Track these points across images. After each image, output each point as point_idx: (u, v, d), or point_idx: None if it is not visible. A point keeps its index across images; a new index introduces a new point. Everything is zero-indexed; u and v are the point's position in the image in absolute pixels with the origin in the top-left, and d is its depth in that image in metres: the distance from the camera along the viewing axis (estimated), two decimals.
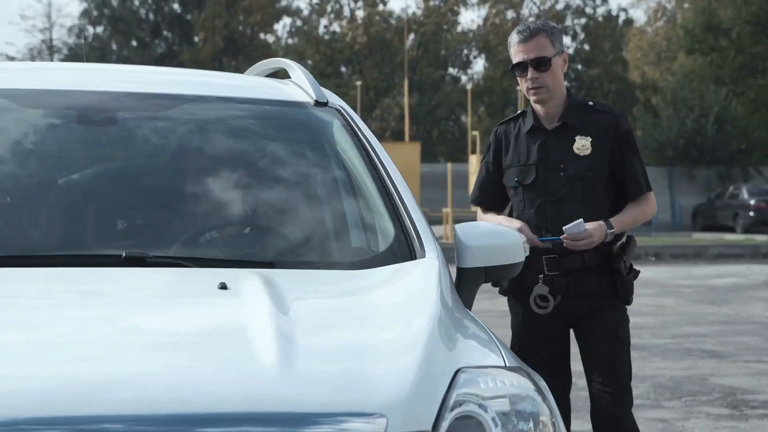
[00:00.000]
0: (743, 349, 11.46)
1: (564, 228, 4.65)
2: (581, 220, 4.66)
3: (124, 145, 4.00)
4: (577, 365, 4.90)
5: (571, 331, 4.89)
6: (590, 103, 4.90)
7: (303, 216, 3.88)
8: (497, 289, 4.86)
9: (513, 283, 4.77)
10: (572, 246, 4.68)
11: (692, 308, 15.68)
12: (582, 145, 4.78)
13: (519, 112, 5.01)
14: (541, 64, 4.76)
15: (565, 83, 4.92)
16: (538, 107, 4.86)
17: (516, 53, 4.81)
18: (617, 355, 4.80)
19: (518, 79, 4.89)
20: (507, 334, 4.80)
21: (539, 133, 4.85)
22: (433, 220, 32.21)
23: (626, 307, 4.85)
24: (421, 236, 3.67)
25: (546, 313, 4.75)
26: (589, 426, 4.92)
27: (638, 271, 4.92)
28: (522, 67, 4.81)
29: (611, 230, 4.73)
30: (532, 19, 57.06)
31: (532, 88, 4.81)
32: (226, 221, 3.84)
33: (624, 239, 4.86)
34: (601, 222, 4.72)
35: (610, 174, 4.81)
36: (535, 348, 4.78)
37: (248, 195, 3.93)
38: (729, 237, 34.57)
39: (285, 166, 4.04)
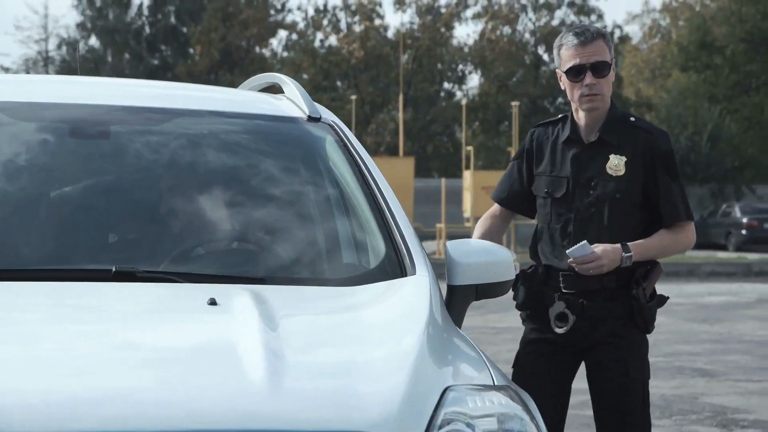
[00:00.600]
0: (734, 368, 11.46)
1: (568, 251, 4.36)
2: (585, 242, 4.36)
3: (116, 159, 4.00)
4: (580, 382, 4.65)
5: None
6: (632, 119, 4.57)
7: (294, 232, 3.87)
8: (488, 305, 4.74)
9: (530, 298, 4.52)
10: (581, 270, 4.38)
11: (684, 326, 15.68)
12: (615, 164, 4.47)
13: (560, 116, 4.67)
14: (602, 69, 4.45)
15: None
16: (581, 116, 4.54)
17: (572, 56, 4.45)
18: (627, 396, 4.45)
19: (567, 84, 4.52)
20: (497, 351, 4.80)
21: (575, 145, 4.54)
22: (426, 236, 32.26)
23: (646, 336, 4.51)
24: (412, 253, 3.67)
25: (566, 331, 4.42)
26: None
27: (666, 297, 4.59)
28: (578, 71, 4.46)
29: (628, 254, 4.37)
30: (528, 35, 57.39)
31: (588, 95, 4.45)
32: (217, 237, 3.84)
33: (649, 265, 4.48)
34: (616, 245, 4.38)
35: (645, 197, 4.49)
36: (538, 369, 4.48)
37: (240, 210, 3.93)
38: (721, 255, 34.59)
39: (277, 181, 4.04)
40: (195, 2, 57.77)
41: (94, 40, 58.02)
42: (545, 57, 57.28)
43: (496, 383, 3.04)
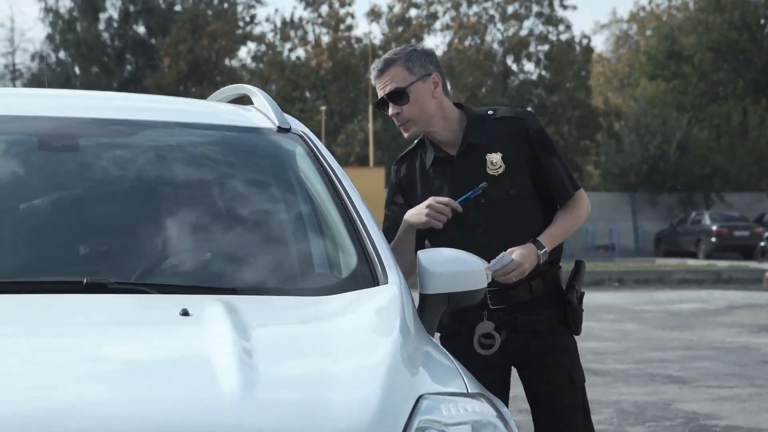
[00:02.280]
0: (705, 375, 11.50)
1: (486, 267, 3.84)
2: (504, 253, 4.16)
3: (85, 172, 3.98)
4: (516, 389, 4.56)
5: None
6: (489, 112, 4.34)
7: (265, 242, 3.87)
8: None
9: (452, 318, 4.23)
10: (504, 280, 4.17)
11: (655, 333, 15.73)
12: (493, 162, 4.26)
13: (415, 142, 4.43)
14: (398, 97, 4.27)
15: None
16: (434, 135, 4.33)
17: (377, 89, 4.33)
18: (573, 404, 4.36)
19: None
20: None
21: (444, 164, 4.33)
22: None
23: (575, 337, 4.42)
24: (384, 263, 3.67)
25: (490, 353, 4.27)
26: None
27: (583, 293, 4.43)
28: (380, 104, 4.33)
29: (543, 250, 4.22)
30: (496, 45, 57.48)
31: (400, 125, 4.32)
32: (188, 248, 3.82)
33: (574, 265, 4.40)
34: (528, 244, 4.20)
35: (535, 185, 4.31)
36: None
37: (210, 221, 3.92)
38: (691, 263, 34.78)
39: (247, 192, 4.03)
40: (163, 15, 57.67)
41: (62, 54, 57.81)
42: (514, 67, 57.45)
43: (469, 391, 3.05)
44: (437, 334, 4.16)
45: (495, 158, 4.27)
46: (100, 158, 4.01)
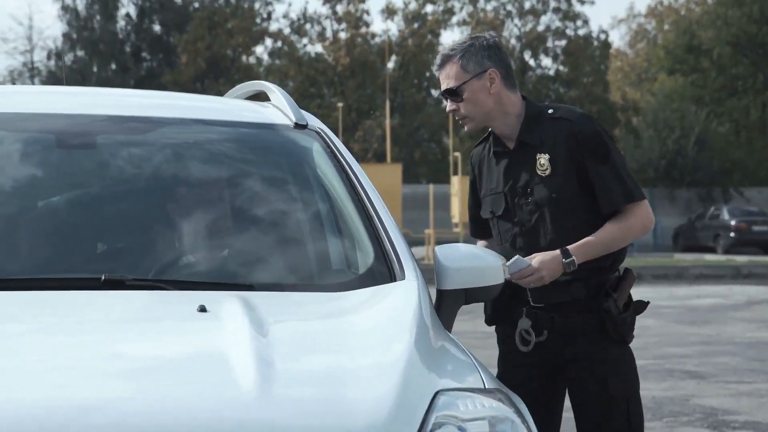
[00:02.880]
0: (724, 370, 11.47)
1: (504, 265, 3.96)
2: (518, 256, 4.09)
3: (102, 169, 3.99)
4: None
5: None
6: (549, 111, 4.26)
7: (282, 239, 3.87)
8: (478, 310, 4.40)
9: (498, 312, 4.29)
10: (523, 284, 4.11)
11: (673, 329, 15.70)
12: (542, 164, 4.19)
13: (489, 130, 4.41)
14: (453, 95, 4.24)
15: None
16: (495, 126, 4.31)
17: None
18: (609, 415, 4.16)
19: None
20: (488, 355, 4.73)
21: (501, 157, 4.30)
22: (415, 241, 32.25)
23: (628, 348, 4.21)
24: (401, 259, 3.67)
25: (527, 351, 4.19)
26: None
27: (644, 303, 4.28)
28: (443, 96, 4.31)
29: (569, 259, 4.08)
30: (514, 41, 57.39)
31: (458, 120, 4.31)
32: (205, 244, 3.83)
33: (621, 273, 4.22)
34: (554, 252, 4.10)
35: (583, 191, 4.18)
36: (520, 389, 4.07)
37: (228, 217, 3.93)
38: (710, 258, 34.66)
39: (264, 189, 4.04)
40: (181, 12, 57.75)
41: (79, 51, 57.94)
42: (531, 62, 57.34)
43: (486, 386, 3.05)
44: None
45: (543, 159, 4.20)
46: (117, 155, 4.02)
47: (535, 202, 4.21)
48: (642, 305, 4.26)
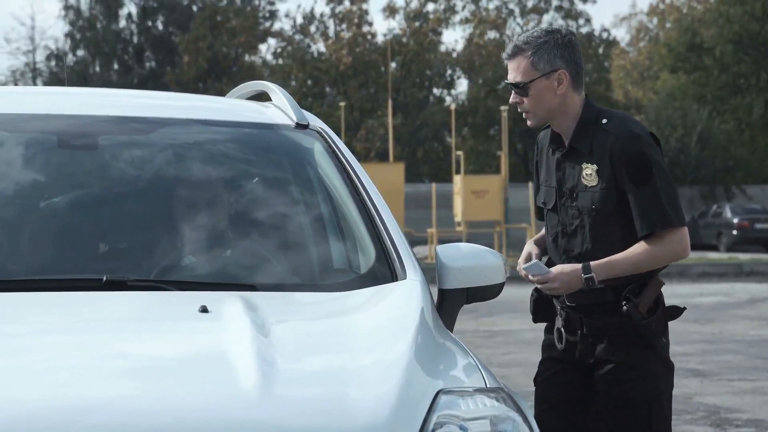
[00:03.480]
0: (727, 368, 11.47)
1: (523, 266, 4.11)
2: (536, 261, 4.13)
3: (104, 169, 4.00)
4: None
5: None
6: (603, 120, 4.16)
7: (284, 238, 3.88)
8: (480, 309, 4.53)
9: (540, 310, 4.27)
10: (542, 289, 4.14)
11: (676, 327, 15.64)
12: (588, 174, 4.12)
13: None
14: (519, 89, 4.16)
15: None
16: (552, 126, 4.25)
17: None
18: (629, 419, 4.11)
19: None
20: (490, 354, 4.76)
21: (558, 152, 4.24)
22: (417, 240, 32.22)
23: (658, 352, 4.14)
24: (402, 258, 3.68)
25: (561, 349, 4.18)
26: None
27: (679, 309, 4.22)
28: (509, 87, 4.23)
29: (588, 275, 4.05)
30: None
31: (521, 113, 4.23)
32: (207, 245, 3.84)
33: (644, 280, 4.15)
34: (576, 266, 4.07)
35: (622, 208, 4.10)
36: (552, 388, 4.24)
37: (229, 218, 3.93)
38: (712, 256, 34.63)
39: (265, 189, 4.05)
40: (183, 11, 57.76)
41: (82, 51, 57.96)
42: None
43: (488, 386, 3.05)
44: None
45: (590, 169, 4.13)
46: (119, 156, 4.03)
47: (578, 208, 4.17)
48: (676, 311, 4.22)
